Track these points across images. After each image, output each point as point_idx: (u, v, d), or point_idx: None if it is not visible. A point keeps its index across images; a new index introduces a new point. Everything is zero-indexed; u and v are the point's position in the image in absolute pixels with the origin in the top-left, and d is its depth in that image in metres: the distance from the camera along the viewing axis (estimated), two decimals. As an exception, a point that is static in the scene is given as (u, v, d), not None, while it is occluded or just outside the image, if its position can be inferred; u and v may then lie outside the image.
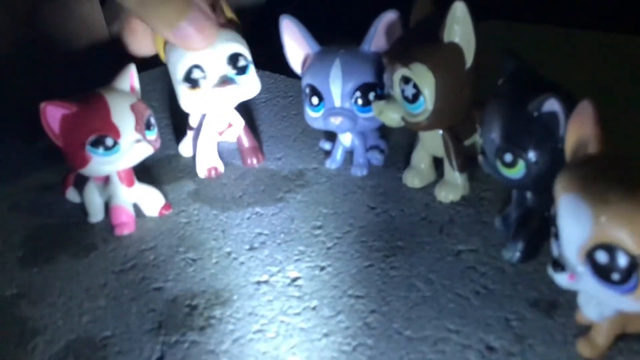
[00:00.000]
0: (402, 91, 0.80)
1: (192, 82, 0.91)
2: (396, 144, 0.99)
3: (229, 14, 0.97)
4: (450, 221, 0.82)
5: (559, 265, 0.56)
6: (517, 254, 0.73)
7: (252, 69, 0.95)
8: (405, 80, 0.79)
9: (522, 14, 1.32)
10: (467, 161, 0.86)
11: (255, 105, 1.21)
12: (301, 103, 1.14)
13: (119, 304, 0.76)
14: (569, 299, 0.66)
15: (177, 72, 0.92)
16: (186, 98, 0.93)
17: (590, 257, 0.54)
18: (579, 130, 0.59)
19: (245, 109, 1.15)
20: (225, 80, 0.90)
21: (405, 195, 0.89)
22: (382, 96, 0.84)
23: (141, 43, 1.01)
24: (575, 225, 0.54)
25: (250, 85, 0.95)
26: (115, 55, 1.38)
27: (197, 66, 0.90)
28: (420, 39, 0.80)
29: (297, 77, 1.21)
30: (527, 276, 0.71)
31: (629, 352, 0.60)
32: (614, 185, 0.53)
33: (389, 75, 0.81)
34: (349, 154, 0.98)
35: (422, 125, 0.81)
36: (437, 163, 0.90)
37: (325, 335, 0.68)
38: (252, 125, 1.10)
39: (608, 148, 0.56)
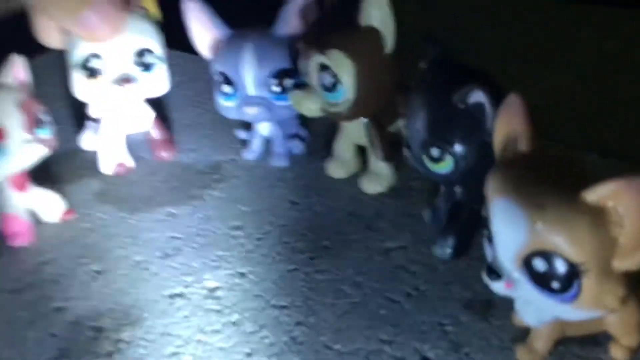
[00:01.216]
0: (320, 79, 0.73)
1: (89, 71, 0.82)
2: (317, 132, 0.93)
3: (148, 2, 0.89)
4: (377, 215, 0.77)
5: (494, 272, 0.52)
6: (448, 250, 0.69)
7: (160, 66, 0.86)
8: (323, 67, 0.73)
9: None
10: (392, 149, 0.81)
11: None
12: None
13: (14, 329, 0.68)
14: (504, 299, 0.63)
15: (74, 58, 0.83)
16: (81, 87, 0.84)
17: (527, 264, 0.50)
18: (507, 126, 0.54)
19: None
20: (125, 79, 0.82)
21: (329, 187, 0.83)
22: (300, 85, 0.77)
23: (49, 34, 0.90)
24: (510, 230, 0.50)
25: (156, 84, 0.87)
26: (10, 35, 1.25)
27: (95, 55, 0.82)
28: (337, 24, 0.73)
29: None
30: (460, 274, 0.68)
31: (571, 356, 0.57)
32: (549, 189, 0.49)
33: (305, 63, 0.75)
34: (268, 143, 0.91)
35: (344, 115, 0.76)
36: (362, 151, 0.84)
37: (248, 355, 0.62)
38: (162, 113, 1.01)
39: (539, 145, 0.52)
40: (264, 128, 0.89)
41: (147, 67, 0.84)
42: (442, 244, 0.69)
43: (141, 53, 0.84)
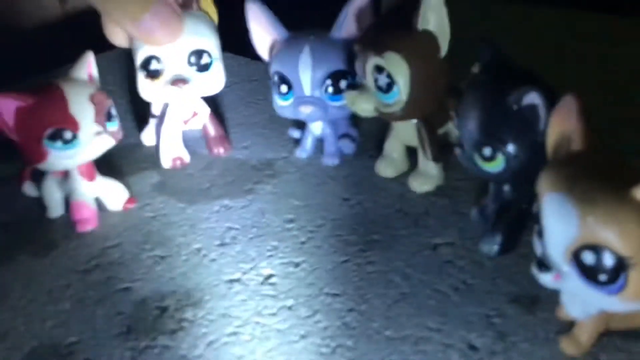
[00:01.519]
0: (375, 81, 0.77)
1: (150, 72, 0.88)
2: (367, 132, 0.97)
3: (206, 3, 0.94)
4: (425, 213, 0.81)
5: (544, 265, 0.55)
6: (496, 247, 0.72)
7: (216, 65, 0.91)
8: (379, 69, 0.76)
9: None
10: (441, 150, 0.84)
11: (220, 91, 1.16)
12: (267, 87, 1.10)
13: (84, 306, 0.73)
14: (550, 293, 0.65)
15: (137, 59, 0.89)
16: (143, 87, 0.90)
17: (576, 257, 0.52)
18: (561, 126, 0.57)
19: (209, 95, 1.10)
20: (178, 80, 0.87)
21: (378, 185, 0.87)
22: (355, 86, 0.81)
23: (116, 34, 0.96)
24: (561, 225, 0.53)
25: (211, 82, 0.92)
26: (70, 35, 1.31)
27: (155, 57, 0.87)
28: (393, 27, 0.77)
29: (261, 60, 1.17)
30: (506, 270, 0.70)
31: (612, 349, 0.60)
32: (600, 185, 0.52)
33: (361, 64, 0.78)
34: (320, 142, 0.95)
35: (396, 116, 0.79)
36: (411, 152, 0.88)
37: (303, 336, 0.66)
38: (217, 112, 1.06)
39: (592, 145, 0.55)
40: (317, 127, 0.93)
41: (203, 67, 0.89)
42: (490, 241, 0.72)
43: (198, 54, 0.89)
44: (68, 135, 0.79)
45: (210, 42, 0.89)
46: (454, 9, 0.76)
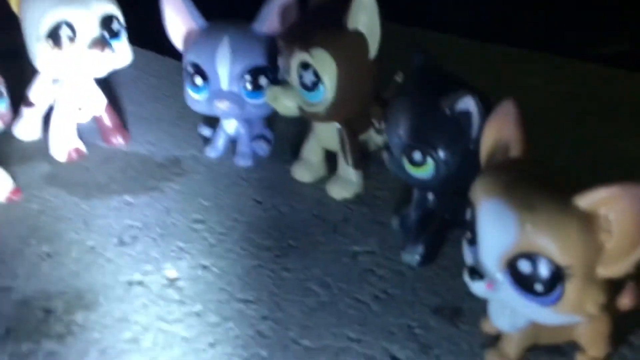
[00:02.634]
0: (300, 78, 0.73)
1: (57, 41, 0.78)
2: (283, 135, 0.92)
3: None
4: (344, 220, 0.77)
5: (477, 273, 0.52)
6: (417, 257, 0.69)
7: (125, 35, 0.84)
8: (304, 66, 0.72)
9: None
10: (362, 157, 0.81)
11: (122, 82, 1.08)
12: (175, 84, 1.04)
13: (-46, 306, 0.63)
14: (472, 306, 0.63)
15: (40, 27, 0.78)
16: (46, 58, 0.80)
17: (511, 265, 0.50)
18: (498, 132, 0.55)
19: (108, 85, 1.02)
20: (100, 42, 0.79)
21: (294, 190, 0.82)
22: (277, 81, 0.76)
23: None
24: (497, 231, 0.50)
25: (122, 53, 0.84)
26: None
27: (67, 23, 0.78)
28: (321, 25, 0.73)
29: (170, 55, 1.11)
30: (428, 280, 0.68)
31: (538, 364, 0.58)
32: (540, 191, 0.50)
33: (286, 60, 0.74)
34: (232, 142, 0.89)
35: (320, 116, 0.75)
36: (329, 157, 0.84)
37: (212, 345, 0.59)
38: (117, 105, 0.98)
39: (530, 152, 0.54)
40: (230, 126, 0.88)
41: (114, 34, 0.81)
42: (412, 251, 0.69)
43: (108, 20, 0.81)
44: (-53, 109, 0.69)
45: (117, 9, 0.82)
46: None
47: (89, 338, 0.59)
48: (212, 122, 0.90)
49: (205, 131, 0.92)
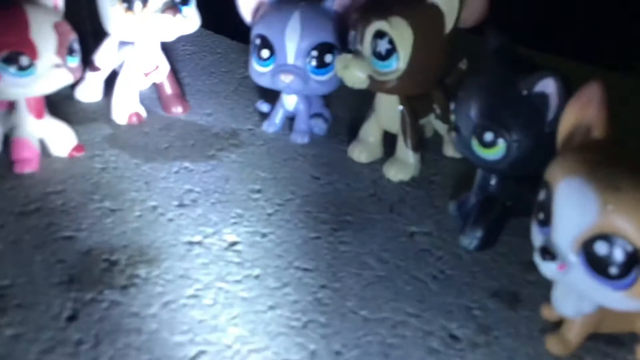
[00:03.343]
0: (375, 46, 0.73)
1: (130, 4, 0.80)
2: (339, 116, 0.92)
3: None
4: (400, 201, 0.77)
5: (549, 253, 0.52)
6: (475, 242, 0.69)
7: (194, 1, 0.85)
8: (380, 34, 0.72)
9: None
10: (421, 141, 0.81)
11: (179, 56, 1.09)
12: (231, 62, 1.05)
13: (20, 250, 0.64)
14: (531, 292, 0.63)
15: None
16: (120, 21, 0.81)
17: (587, 247, 0.50)
18: (579, 114, 0.55)
19: (168, 59, 1.03)
20: (172, 7, 0.80)
21: (351, 169, 0.82)
22: (349, 50, 0.76)
23: None
24: (576, 211, 0.50)
25: (192, 18, 0.85)
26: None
27: None
28: (399, -1, 0.74)
29: (225, 34, 1.12)
30: (485, 265, 0.67)
31: (597, 353, 0.57)
32: (623, 172, 0.49)
33: (360, 31, 0.74)
34: (289, 119, 0.90)
35: (389, 86, 0.75)
36: (386, 139, 0.84)
37: (271, 307, 0.60)
38: (176, 77, 0.99)
39: (613, 134, 0.53)
40: (290, 102, 0.88)
41: (184, 0, 0.82)
42: (470, 235, 0.69)
43: None
44: (25, 61, 0.71)
45: None
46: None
47: (152, 291, 0.60)
48: (271, 98, 0.91)
49: (264, 107, 0.92)
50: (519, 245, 0.68)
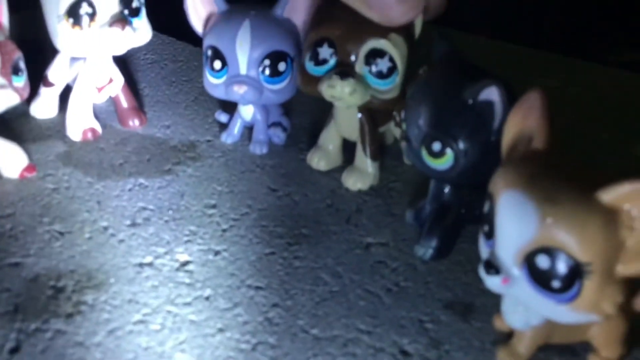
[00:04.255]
0: (372, 66, 0.71)
1: (77, 19, 0.78)
2: (298, 123, 0.91)
3: None
4: (358, 211, 0.76)
5: (493, 267, 0.51)
6: (431, 251, 0.68)
7: (144, 12, 0.84)
8: (378, 54, 0.71)
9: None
10: (380, 149, 0.80)
11: (139, 66, 1.08)
12: (192, 70, 1.04)
13: (-37, 280, 0.63)
14: (485, 302, 0.63)
15: (59, 6, 0.78)
16: (67, 37, 0.79)
17: (529, 260, 0.49)
18: (521, 123, 0.54)
19: (126, 68, 1.02)
20: (120, 20, 0.78)
21: (309, 179, 0.81)
22: (345, 73, 0.72)
23: None
24: (517, 224, 0.49)
25: (142, 31, 0.84)
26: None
27: (86, 0, 0.78)
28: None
29: (187, 41, 1.10)
30: (440, 275, 0.67)
31: (549, 364, 0.57)
32: (563, 185, 0.49)
33: (349, 49, 0.72)
34: (247, 129, 0.89)
35: (388, 103, 0.74)
36: (345, 147, 0.83)
37: (221, 330, 0.59)
38: (133, 89, 0.97)
39: (554, 144, 0.52)
40: (247, 112, 0.87)
41: (134, 12, 0.81)
42: (425, 244, 0.68)
43: None
44: (-35, 83, 0.69)
45: None
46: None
47: (98, 318, 0.59)
48: (229, 108, 0.90)
49: (222, 117, 0.91)
50: (475, 252, 0.66)
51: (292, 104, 0.88)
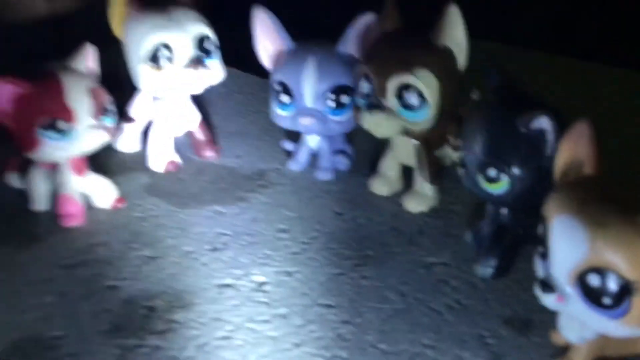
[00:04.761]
0: (401, 100, 0.76)
1: (157, 62, 0.86)
2: (361, 149, 0.97)
3: None
4: (419, 232, 0.81)
5: (548, 286, 0.55)
6: (490, 270, 0.72)
7: (217, 53, 0.91)
8: (406, 87, 0.76)
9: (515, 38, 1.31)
10: (438, 172, 0.85)
11: (211, 99, 1.16)
12: (261, 100, 1.11)
13: (69, 301, 0.71)
14: (543, 318, 0.66)
15: (141, 51, 0.86)
16: (148, 79, 0.88)
17: (581, 279, 0.53)
18: (572, 151, 0.58)
19: (199, 101, 1.09)
20: (196, 62, 0.86)
21: (372, 203, 0.87)
22: (374, 106, 0.78)
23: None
24: (569, 247, 0.54)
25: (216, 70, 0.91)
26: (58, 32, 1.29)
27: (165, 45, 0.86)
28: (408, 46, 0.77)
29: (255, 73, 1.17)
30: (499, 292, 0.71)
31: (605, 376, 0.60)
32: (611, 209, 0.53)
33: (379, 83, 0.77)
34: (313, 156, 0.95)
35: (422, 133, 0.79)
36: (405, 171, 0.88)
37: (297, 345, 0.65)
38: (207, 120, 1.05)
39: (602, 170, 0.56)
40: (313, 141, 0.93)
41: (208, 53, 0.88)
42: (485, 263, 0.72)
43: (201, 39, 0.88)
44: (63, 125, 0.77)
45: (209, 29, 0.89)
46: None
47: (188, 334, 0.66)
48: (295, 136, 0.96)
49: (288, 145, 0.98)
50: (532, 271, 0.70)
51: (354, 131, 0.93)
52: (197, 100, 1.02)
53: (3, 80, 0.76)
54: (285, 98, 0.88)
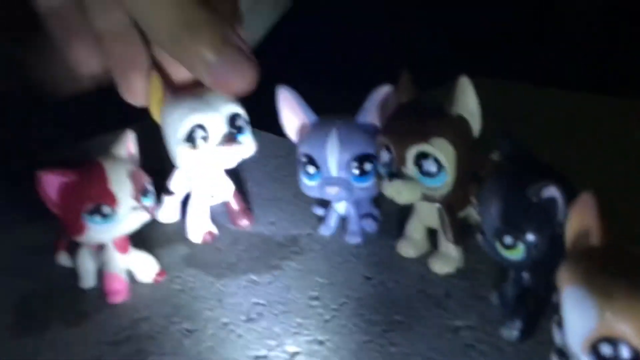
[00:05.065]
0: (420, 167, 0.80)
1: (193, 142, 0.91)
2: (388, 212, 1.00)
3: None
4: (446, 295, 0.83)
5: (564, 355, 0.57)
6: (516, 333, 0.74)
7: (249, 128, 0.96)
8: (424, 156, 0.79)
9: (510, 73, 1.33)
10: (462, 233, 0.87)
11: (245, 165, 1.20)
12: (292, 164, 1.15)
13: (115, 379, 0.75)
14: (568, 381, 0.67)
15: (178, 132, 0.90)
16: (186, 158, 0.93)
17: (594, 349, 0.55)
18: (579, 222, 0.60)
19: (233, 169, 1.14)
20: (230, 139, 0.91)
21: (400, 265, 0.90)
22: (394, 175, 0.81)
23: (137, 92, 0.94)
24: (580, 317, 0.55)
25: (247, 144, 0.96)
26: (104, 104, 1.37)
27: (200, 126, 0.91)
28: (423, 116, 0.81)
29: (286, 137, 1.22)
30: (525, 355, 0.72)
31: None
32: (618, 280, 0.54)
33: (398, 153, 0.81)
34: (343, 220, 0.99)
35: (442, 198, 0.82)
36: (431, 232, 0.91)
37: (329, 415, 0.68)
38: (241, 187, 1.10)
39: (609, 240, 0.58)
40: (341, 207, 0.97)
41: (239, 130, 0.93)
42: (510, 326, 0.74)
43: (234, 117, 0.92)
44: (107, 210, 0.83)
45: (240, 107, 0.93)
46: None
47: (224, 408, 0.69)
48: (325, 202, 1.00)
49: (319, 211, 1.02)
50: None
51: (381, 195, 0.96)
52: (233, 168, 1.07)
53: (51, 172, 0.82)
54: (311, 169, 0.92)
